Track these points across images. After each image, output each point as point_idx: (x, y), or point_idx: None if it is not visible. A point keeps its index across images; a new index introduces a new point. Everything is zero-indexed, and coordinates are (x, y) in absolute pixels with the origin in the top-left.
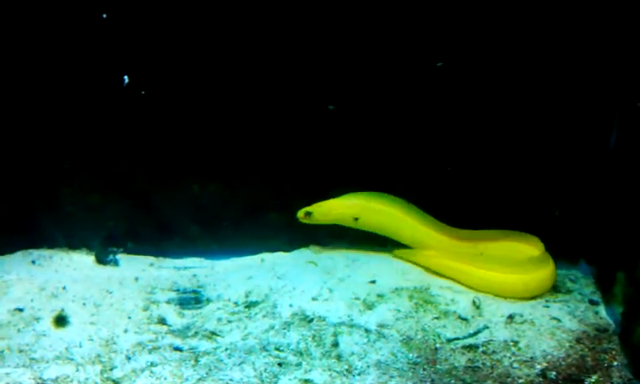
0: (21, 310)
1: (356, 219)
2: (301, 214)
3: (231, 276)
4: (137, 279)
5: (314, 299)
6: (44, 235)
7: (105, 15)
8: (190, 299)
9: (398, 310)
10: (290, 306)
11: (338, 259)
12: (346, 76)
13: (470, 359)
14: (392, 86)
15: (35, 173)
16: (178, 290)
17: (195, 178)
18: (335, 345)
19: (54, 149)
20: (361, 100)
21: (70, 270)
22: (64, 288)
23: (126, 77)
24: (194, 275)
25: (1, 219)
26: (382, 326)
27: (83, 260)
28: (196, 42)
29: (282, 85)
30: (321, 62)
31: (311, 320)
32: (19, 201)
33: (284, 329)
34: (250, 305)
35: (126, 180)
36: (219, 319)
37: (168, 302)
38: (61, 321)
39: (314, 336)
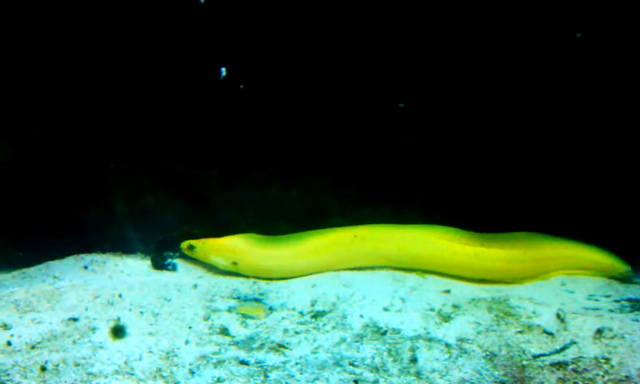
0: (75, 319)
1: (235, 264)
2: (184, 245)
3: (294, 283)
4: (195, 286)
5: (385, 310)
6: (96, 239)
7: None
8: (252, 308)
9: (478, 323)
10: (361, 316)
11: None
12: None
13: (560, 378)
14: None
15: (88, 173)
16: (238, 298)
17: (255, 179)
18: (413, 360)
19: (109, 148)
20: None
21: (124, 276)
22: (120, 295)
23: (223, 69)
24: (255, 282)
25: (51, 221)
26: (462, 340)
27: (138, 265)
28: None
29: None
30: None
31: (384, 332)
32: (70, 202)
33: (356, 342)
34: (316, 315)
35: (184, 181)
36: (285, 330)
37: (229, 310)
38: (118, 331)
39: (389, 350)
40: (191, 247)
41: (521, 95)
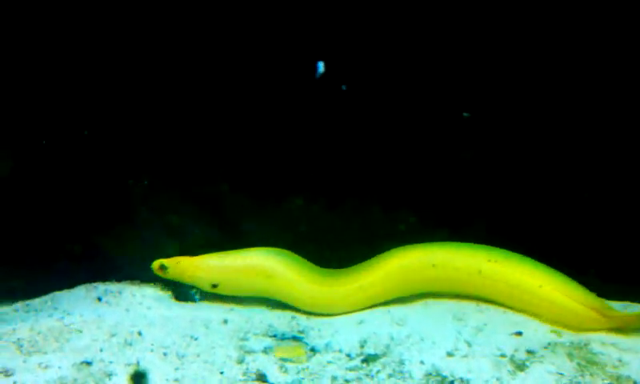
0: (89, 363)
1: (214, 286)
2: (155, 265)
3: (338, 320)
4: (225, 321)
5: (449, 355)
6: (110, 264)
7: None
8: (292, 349)
9: (561, 374)
10: (422, 362)
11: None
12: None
13: None
14: None
15: (102, 188)
16: (275, 336)
17: (294, 196)
18: None
19: (127, 160)
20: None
21: (143, 309)
22: (139, 333)
23: (320, 64)
24: (293, 317)
25: (57, 245)
26: None
27: (158, 296)
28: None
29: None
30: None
31: (451, 383)
32: (80, 220)
33: None
34: (368, 359)
35: (212, 199)
36: (334, 378)
37: (265, 351)
38: (139, 378)
39: None
40: (163, 267)
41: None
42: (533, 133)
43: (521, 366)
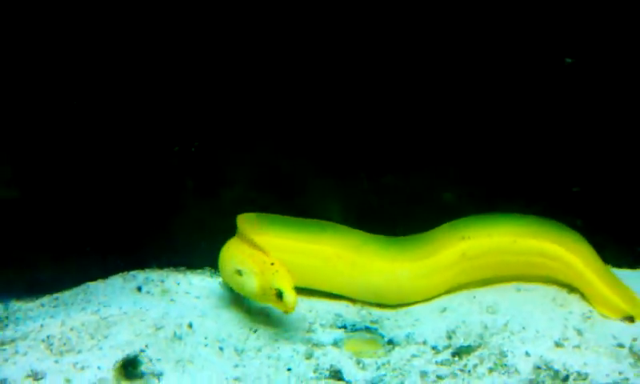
0: (132, 361)
1: (239, 272)
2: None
3: (415, 307)
4: None
5: (557, 345)
6: (151, 250)
7: None
8: (366, 341)
9: None
10: (527, 354)
11: None
12: None
13: None
14: None
15: (140, 156)
16: (345, 327)
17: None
18: None
19: (174, 125)
20: None
21: (191, 299)
22: (190, 325)
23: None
24: (363, 305)
25: (85, 226)
26: None
27: (207, 284)
28: None
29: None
30: None
31: (566, 378)
32: (112, 197)
33: None
34: (459, 352)
35: (271, 171)
36: (424, 374)
37: (336, 344)
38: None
39: None
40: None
41: None
42: None
43: None
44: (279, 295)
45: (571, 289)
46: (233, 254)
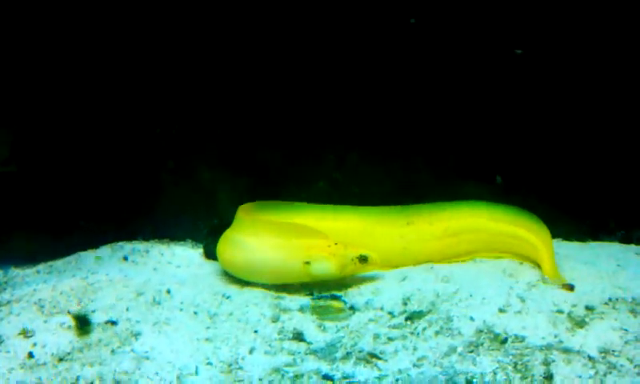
0: (114, 322)
1: (307, 263)
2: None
3: (378, 276)
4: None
5: (501, 311)
6: (138, 224)
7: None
8: (329, 307)
9: (625, 330)
10: (471, 319)
11: None
12: None
13: None
14: None
15: (126, 138)
16: (311, 295)
17: (331, 146)
18: (549, 378)
19: (156, 109)
20: None
21: (172, 268)
22: (168, 291)
23: None
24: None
25: (80, 203)
26: (606, 351)
27: (189, 255)
28: None
29: None
30: None
31: (505, 340)
32: (103, 176)
33: (471, 352)
34: (412, 316)
35: (245, 152)
36: (376, 336)
37: (301, 309)
38: (82, 321)
39: (515, 364)
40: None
41: None
42: None
43: (580, 323)
44: (364, 260)
45: (522, 262)
46: (269, 251)
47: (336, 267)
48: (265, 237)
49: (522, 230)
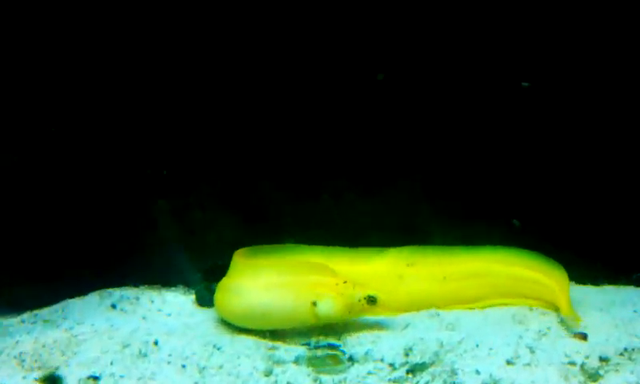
0: (96, 378)
1: (314, 303)
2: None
3: (379, 322)
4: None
5: (509, 363)
6: (127, 268)
7: None
8: (326, 358)
9: None
10: (477, 372)
11: None
12: None
13: None
14: None
15: (117, 180)
16: (308, 345)
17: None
18: None
19: (148, 149)
20: None
21: (162, 317)
22: (155, 343)
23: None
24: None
25: (67, 246)
26: None
27: (180, 301)
28: None
29: None
30: None
31: None
32: (93, 220)
33: None
34: (414, 369)
35: (239, 192)
36: None
37: (297, 361)
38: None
39: None
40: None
41: None
42: None
43: (594, 377)
44: (372, 301)
45: (532, 308)
46: (272, 292)
47: (342, 308)
48: (266, 278)
49: (536, 272)
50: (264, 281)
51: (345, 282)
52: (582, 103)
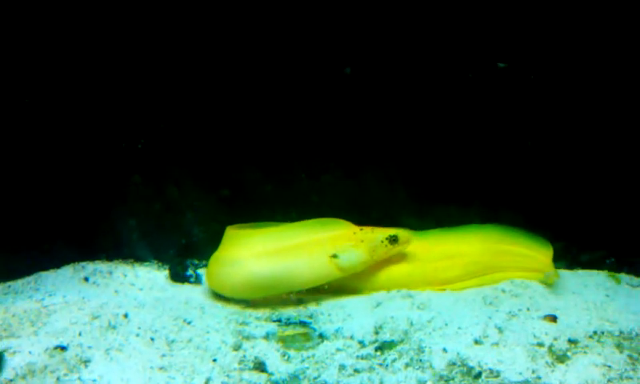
0: (64, 348)
1: (334, 256)
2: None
3: (351, 302)
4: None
5: (477, 342)
6: (101, 243)
7: None
8: (297, 335)
9: (608, 367)
10: (444, 350)
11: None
12: None
13: None
14: None
15: (91, 153)
16: (279, 321)
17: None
18: None
19: (124, 123)
20: None
21: (134, 291)
22: (125, 316)
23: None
24: (301, 300)
25: (42, 219)
26: None
27: (153, 276)
28: None
29: None
30: None
31: (478, 375)
32: (68, 193)
33: None
34: (382, 346)
35: (217, 168)
36: (342, 367)
37: (266, 337)
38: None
39: None
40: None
41: None
42: None
43: (561, 358)
44: (394, 240)
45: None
46: (287, 256)
47: (366, 253)
48: (275, 242)
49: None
50: (273, 244)
51: (361, 229)
52: (552, 86)
